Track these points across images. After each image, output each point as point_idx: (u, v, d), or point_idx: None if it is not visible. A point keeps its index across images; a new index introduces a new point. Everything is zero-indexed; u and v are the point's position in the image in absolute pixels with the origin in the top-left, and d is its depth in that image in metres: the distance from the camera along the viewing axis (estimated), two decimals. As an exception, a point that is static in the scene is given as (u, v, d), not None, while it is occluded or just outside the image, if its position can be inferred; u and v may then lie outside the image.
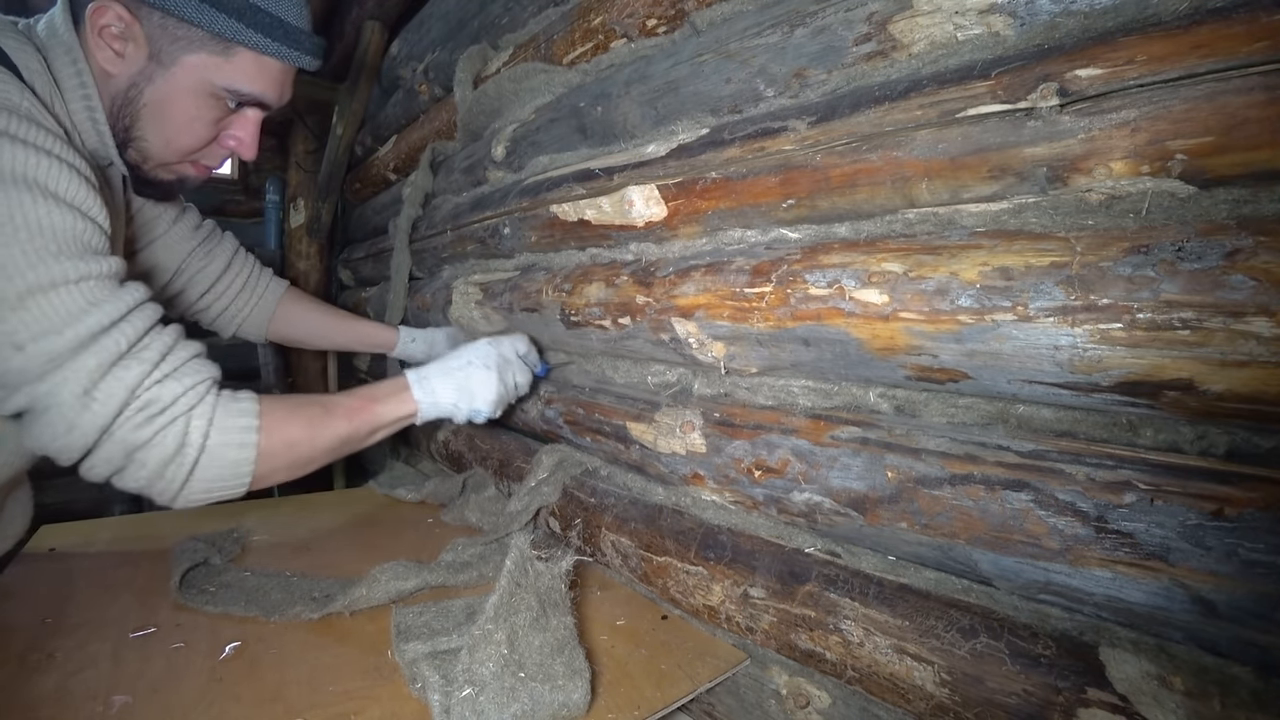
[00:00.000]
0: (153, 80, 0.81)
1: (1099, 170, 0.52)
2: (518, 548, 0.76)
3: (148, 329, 0.74)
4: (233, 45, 0.81)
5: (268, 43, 0.82)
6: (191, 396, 0.75)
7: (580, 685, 0.68)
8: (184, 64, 0.80)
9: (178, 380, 0.74)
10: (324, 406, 0.88)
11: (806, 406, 0.79)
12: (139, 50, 0.80)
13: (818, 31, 0.72)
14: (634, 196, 0.94)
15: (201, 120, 0.85)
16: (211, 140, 0.88)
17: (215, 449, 0.75)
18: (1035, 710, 0.56)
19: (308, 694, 0.71)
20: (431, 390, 0.96)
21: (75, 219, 0.70)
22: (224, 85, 0.82)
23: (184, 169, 0.91)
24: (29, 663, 0.75)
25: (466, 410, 0.99)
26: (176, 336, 0.78)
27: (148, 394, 0.72)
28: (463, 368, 0.99)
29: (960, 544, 0.62)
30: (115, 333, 0.70)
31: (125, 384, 0.70)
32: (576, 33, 1.08)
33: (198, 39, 0.79)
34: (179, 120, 0.84)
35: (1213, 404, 0.48)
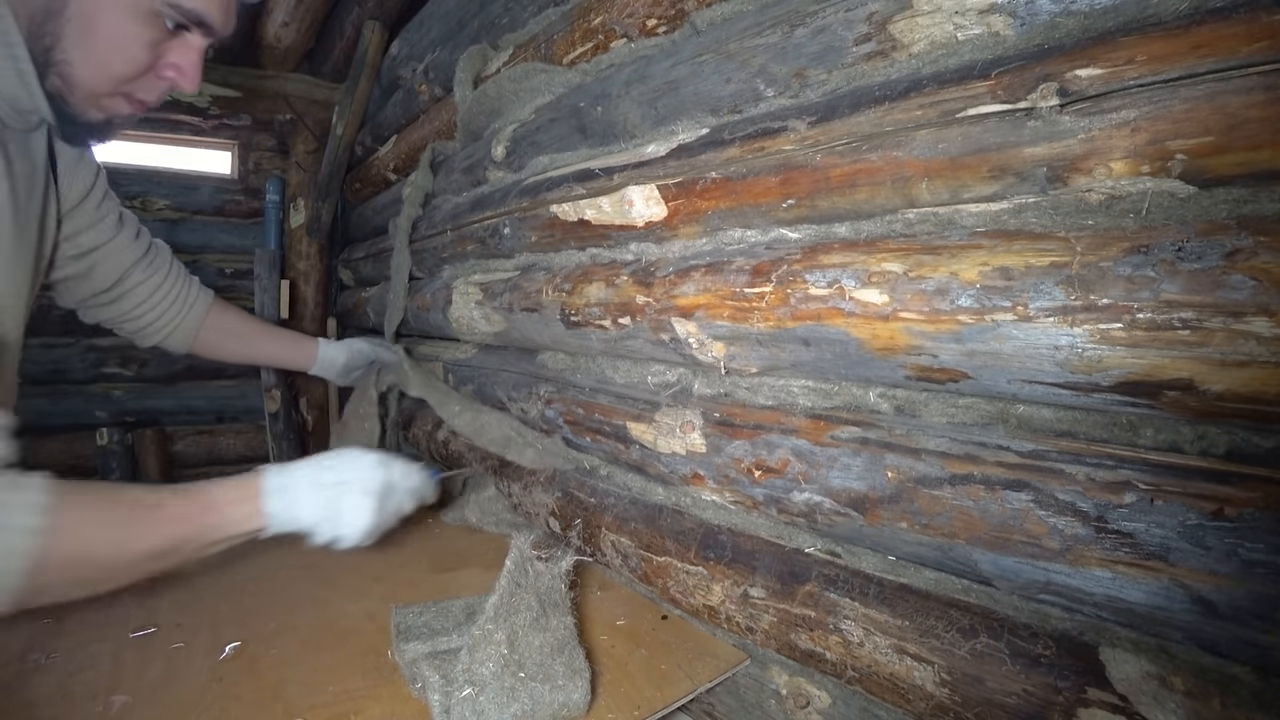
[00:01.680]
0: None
1: (1099, 170, 0.52)
2: (518, 548, 0.76)
3: None
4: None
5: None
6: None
7: (580, 685, 0.68)
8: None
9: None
10: (143, 510, 0.69)
11: (806, 406, 0.79)
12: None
13: (818, 31, 0.72)
14: (634, 196, 0.94)
15: (137, 40, 0.73)
16: (148, 68, 0.76)
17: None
18: (1035, 710, 0.56)
19: (308, 694, 0.71)
20: (290, 503, 0.78)
21: None
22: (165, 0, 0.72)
23: (115, 104, 0.78)
24: (29, 663, 0.75)
25: (329, 534, 0.82)
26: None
27: None
28: (334, 485, 0.82)
29: (960, 544, 0.62)
30: None
31: None
32: (576, 33, 1.08)
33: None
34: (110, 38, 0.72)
35: (1213, 404, 0.48)
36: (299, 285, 2.50)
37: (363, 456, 0.87)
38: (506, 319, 1.24)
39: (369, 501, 0.83)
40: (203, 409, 2.53)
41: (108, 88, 0.75)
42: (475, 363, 1.46)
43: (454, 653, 0.73)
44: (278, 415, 2.42)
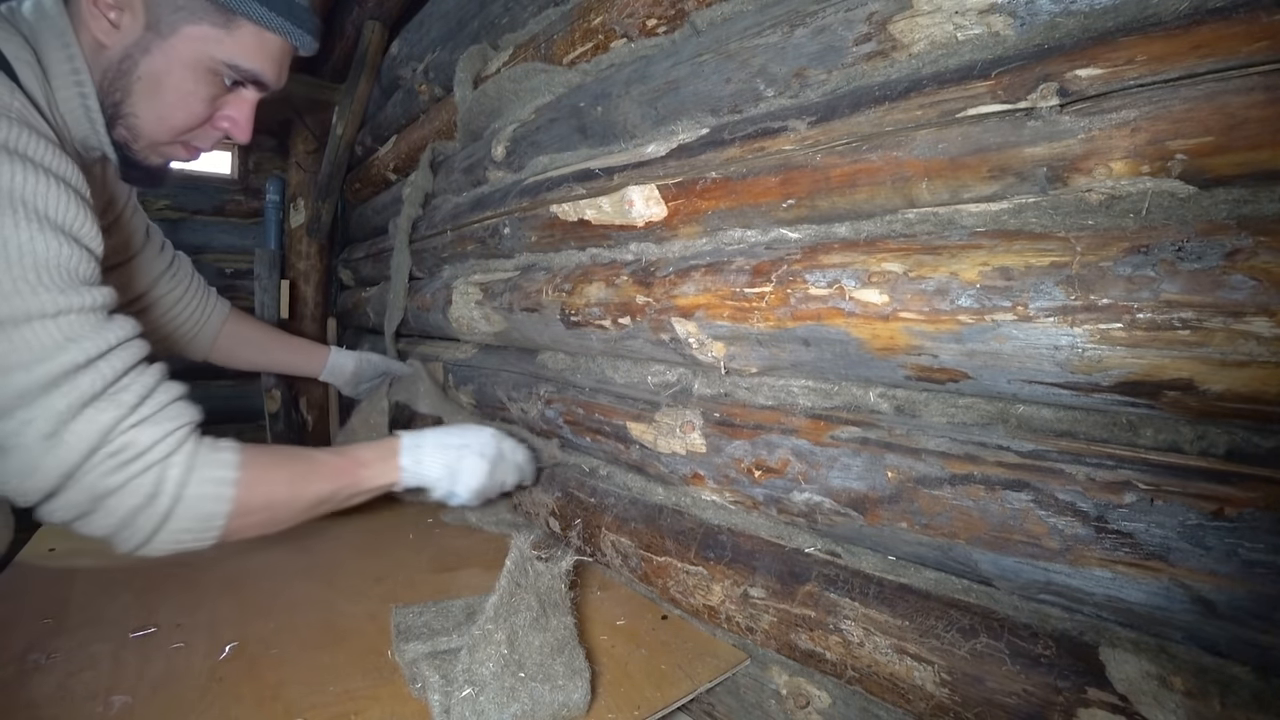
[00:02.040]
0: (149, 51, 0.76)
1: (1099, 170, 0.52)
2: (518, 548, 0.76)
3: (128, 369, 0.69)
4: (235, 17, 0.77)
5: (271, 16, 0.79)
6: (169, 443, 0.70)
7: (580, 685, 0.68)
8: (184, 35, 0.76)
9: (155, 425, 0.69)
10: (309, 464, 0.84)
11: (806, 406, 0.79)
12: (135, 20, 0.76)
13: (818, 31, 0.72)
14: (634, 196, 0.94)
15: (198, 96, 0.80)
16: (206, 120, 0.84)
17: (190, 500, 0.71)
18: (1035, 710, 0.56)
19: (308, 694, 0.71)
20: (420, 460, 0.93)
21: (62, 245, 0.65)
22: (224, 59, 0.78)
23: (173, 150, 0.86)
24: (29, 663, 0.75)
25: (447, 489, 0.96)
26: (159, 378, 0.73)
27: (122, 438, 0.67)
28: (458, 448, 0.96)
29: (960, 544, 0.62)
30: (91, 371, 0.65)
31: (98, 427, 0.65)
32: (576, 33, 1.08)
33: (199, 9, 0.76)
34: (175, 95, 0.79)
35: (1213, 404, 0.48)
36: (299, 285, 2.50)
37: (482, 429, 1.02)
38: (506, 319, 1.24)
39: (484, 464, 0.97)
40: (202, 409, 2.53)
41: (167, 137, 0.83)
42: (475, 363, 1.46)
43: (454, 653, 0.73)
44: (278, 415, 2.42)
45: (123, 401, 0.67)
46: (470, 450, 0.97)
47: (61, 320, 0.64)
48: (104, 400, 0.66)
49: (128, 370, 0.69)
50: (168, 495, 0.69)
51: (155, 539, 0.71)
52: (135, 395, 0.69)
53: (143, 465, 0.68)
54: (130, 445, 0.67)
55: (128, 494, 0.67)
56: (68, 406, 0.64)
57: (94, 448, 0.65)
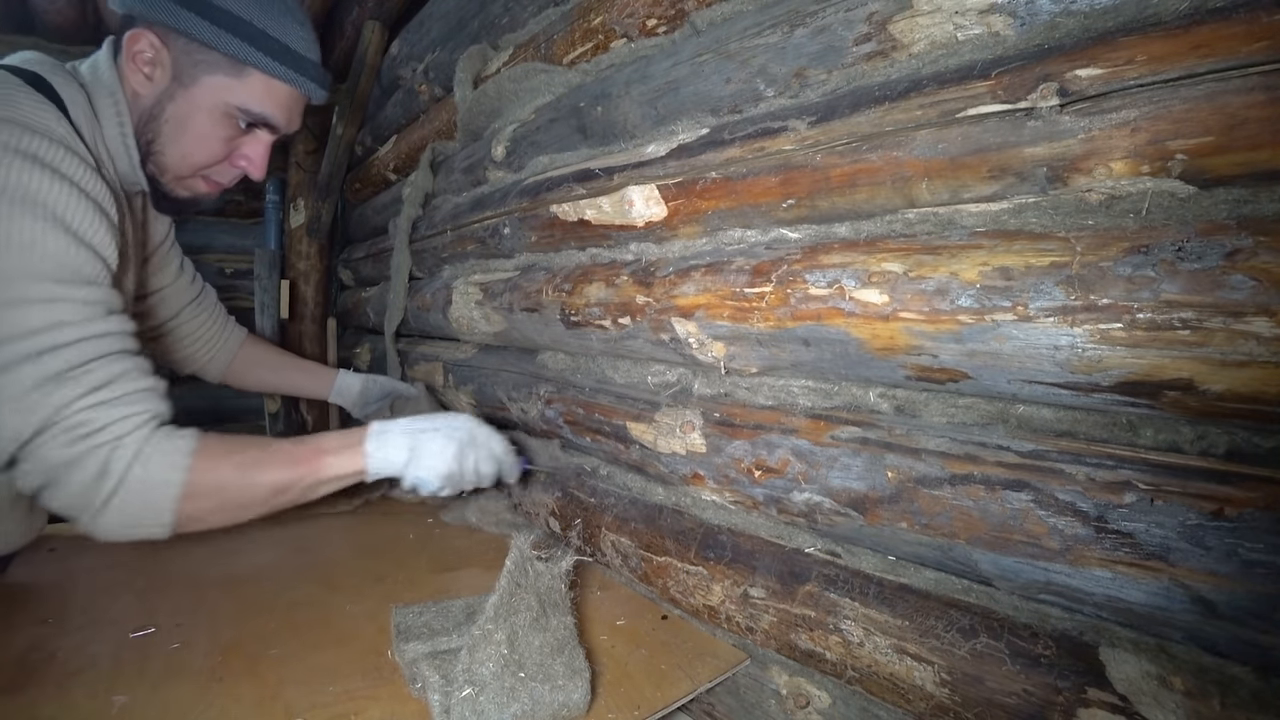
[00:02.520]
0: (174, 99, 0.89)
1: (1099, 170, 0.52)
2: (518, 548, 0.76)
3: (100, 356, 0.74)
4: (245, 67, 0.88)
5: (275, 65, 0.90)
6: (123, 426, 0.74)
7: (580, 685, 0.68)
8: (203, 84, 0.88)
9: (111, 408, 0.74)
10: (265, 451, 0.85)
11: (806, 406, 0.79)
12: (165, 73, 0.88)
13: (818, 31, 0.72)
14: (634, 196, 0.94)
15: (215, 137, 0.92)
16: (224, 158, 0.95)
17: (135, 483, 0.74)
18: (1035, 710, 0.56)
19: (308, 694, 0.71)
20: (384, 445, 0.92)
21: (69, 245, 0.73)
22: (237, 104, 0.90)
23: (197, 184, 0.97)
24: (29, 663, 0.75)
25: (412, 476, 0.94)
26: (130, 368, 0.77)
27: (77, 416, 0.72)
28: (425, 431, 0.95)
29: (960, 544, 0.62)
30: (63, 353, 0.71)
31: (51, 401, 0.70)
32: (576, 33, 1.08)
33: (215, 61, 0.87)
34: (195, 136, 0.91)
35: (1213, 404, 0.48)
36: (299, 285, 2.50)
37: (460, 415, 1.01)
38: (506, 319, 1.24)
39: (450, 448, 0.95)
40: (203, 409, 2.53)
41: (189, 172, 0.94)
42: (475, 363, 1.46)
43: (454, 653, 0.73)
44: (278, 415, 2.42)
45: (84, 382, 0.73)
46: (437, 433, 0.95)
47: (54, 306, 0.72)
48: (64, 378, 0.72)
49: (98, 358, 0.75)
50: (114, 476, 0.73)
51: (103, 518, 0.75)
52: (100, 379, 0.74)
53: (93, 443, 0.72)
54: (85, 423, 0.72)
55: (77, 469, 0.72)
56: (33, 380, 0.70)
57: (49, 420, 0.71)
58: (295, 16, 0.92)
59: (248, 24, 0.87)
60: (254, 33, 0.87)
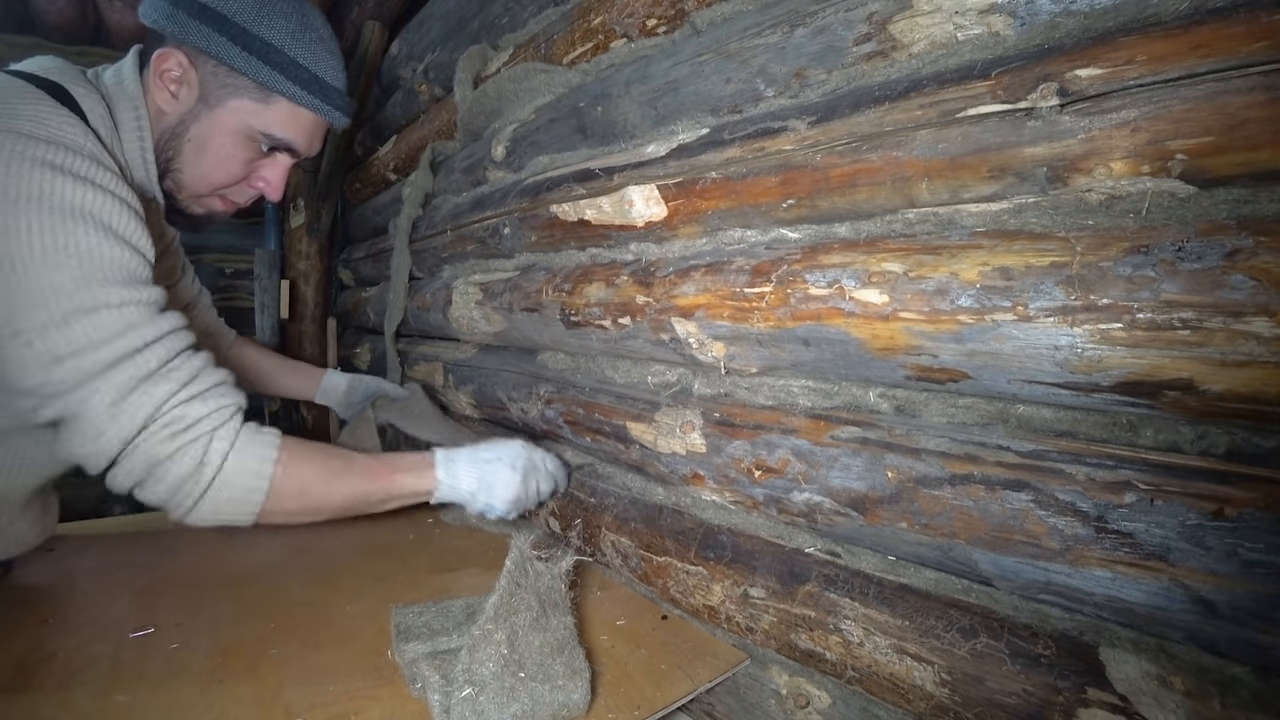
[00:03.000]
0: (199, 119, 0.89)
1: (1099, 170, 0.52)
2: (518, 548, 0.76)
3: (179, 352, 0.78)
4: (272, 94, 0.89)
5: (303, 94, 0.90)
6: (216, 418, 0.78)
7: (580, 685, 0.68)
8: (228, 107, 0.89)
9: (204, 401, 0.78)
10: (346, 461, 0.91)
11: (806, 406, 0.79)
12: (191, 93, 0.88)
13: (818, 31, 0.72)
14: (634, 196, 0.94)
15: (236, 159, 0.92)
16: (242, 179, 0.96)
17: (231, 473, 0.78)
18: (1035, 710, 0.56)
19: (308, 694, 0.71)
20: (454, 474, 0.98)
21: (123, 250, 0.76)
22: (260, 129, 0.90)
23: (213, 203, 0.98)
24: (29, 663, 0.75)
25: (483, 503, 1.00)
26: (205, 362, 0.82)
27: (174, 411, 0.75)
28: (490, 461, 1.01)
29: (960, 544, 0.62)
30: (148, 352, 0.75)
31: (153, 399, 0.74)
32: (576, 33, 1.08)
33: (243, 86, 0.88)
34: (216, 157, 0.92)
35: (1213, 404, 0.48)
36: (299, 285, 2.50)
37: (512, 441, 1.06)
38: (506, 319, 1.24)
39: (516, 476, 1.01)
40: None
41: (207, 191, 0.95)
42: (475, 363, 1.46)
43: (454, 653, 0.73)
44: (278, 415, 2.43)
45: (175, 378, 0.77)
46: (502, 463, 1.01)
47: (124, 310, 0.74)
48: (159, 377, 0.76)
49: (179, 353, 0.79)
50: (211, 466, 0.77)
51: (199, 508, 0.79)
52: (186, 374, 0.78)
53: (192, 435, 0.76)
54: (182, 418, 0.76)
55: (177, 462, 0.76)
56: (128, 380, 0.73)
57: (150, 417, 0.74)
58: (327, 46, 0.94)
59: (279, 51, 0.87)
60: (285, 61, 0.87)
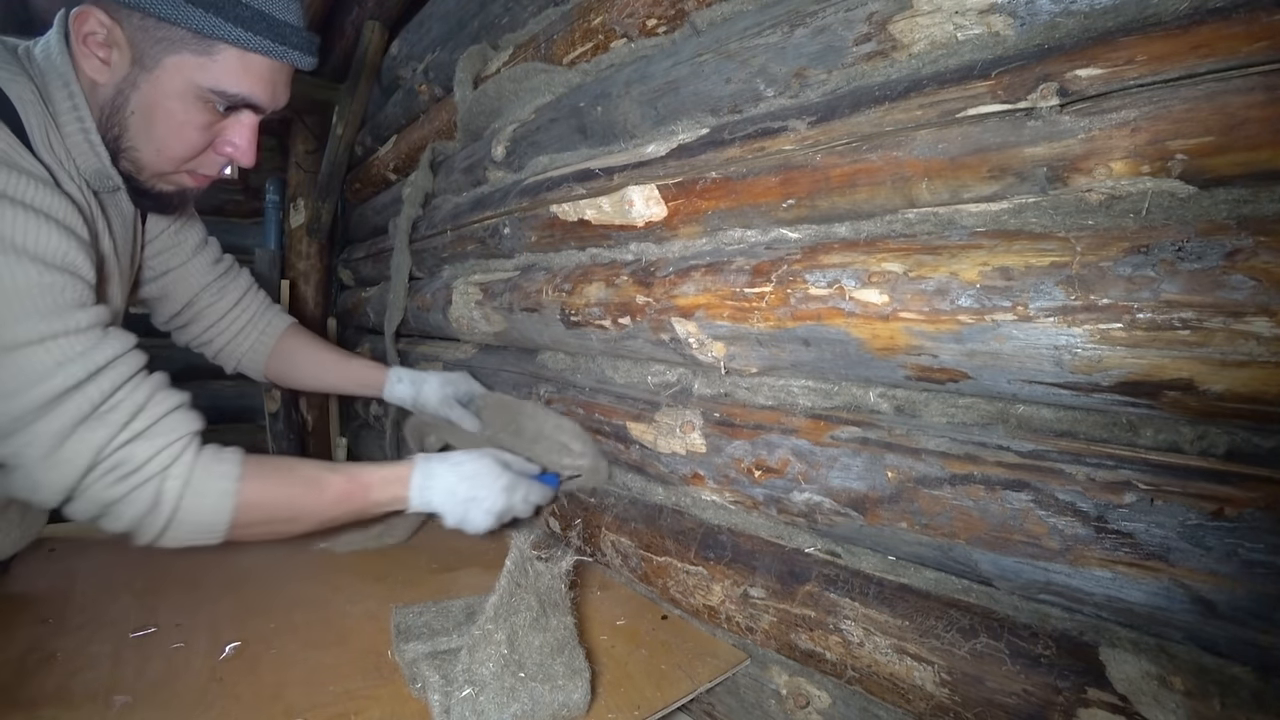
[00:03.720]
0: (137, 86, 0.77)
1: (1099, 170, 0.52)
2: (518, 548, 0.76)
3: (117, 386, 0.71)
4: (214, 43, 0.75)
5: (250, 37, 0.76)
6: (165, 457, 0.73)
7: (580, 685, 0.68)
8: (166, 65, 0.76)
9: (149, 439, 0.73)
10: (311, 482, 0.85)
11: (806, 406, 0.79)
12: (123, 56, 0.76)
13: (818, 31, 0.72)
14: (634, 196, 0.94)
15: (190, 125, 0.80)
16: (206, 147, 0.84)
17: (189, 509, 0.75)
18: (1035, 710, 0.56)
19: (308, 694, 0.71)
20: (428, 488, 0.92)
21: (42, 273, 0.67)
22: (209, 86, 0.77)
23: (181, 179, 0.86)
24: (29, 663, 0.75)
25: (459, 518, 0.94)
26: (151, 391, 0.75)
27: (117, 455, 0.70)
28: (470, 476, 0.94)
29: (960, 544, 0.62)
30: (78, 395, 0.68)
31: (90, 445, 0.69)
32: (576, 33, 1.08)
33: (178, 38, 0.74)
34: (167, 126, 0.79)
35: (1213, 404, 0.48)
36: (299, 285, 2.50)
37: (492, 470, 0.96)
38: (506, 319, 1.24)
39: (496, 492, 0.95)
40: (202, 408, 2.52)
41: (170, 167, 0.84)
42: (475, 363, 1.46)
43: (454, 653, 0.73)
44: (278, 415, 2.42)
45: (113, 420, 0.71)
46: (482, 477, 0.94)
47: (50, 345, 0.67)
48: (94, 420, 0.69)
49: (118, 388, 0.72)
50: (168, 505, 0.74)
51: (163, 539, 0.77)
52: (126, 413, 0.72)
53: (141, 479, 0.72)
54: (126, 460, 0.71)
55: (129, 504, 0.72)
56: (60, 429, 0.67)
57: (89, 465, 0.69)
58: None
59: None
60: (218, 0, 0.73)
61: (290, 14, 0.80)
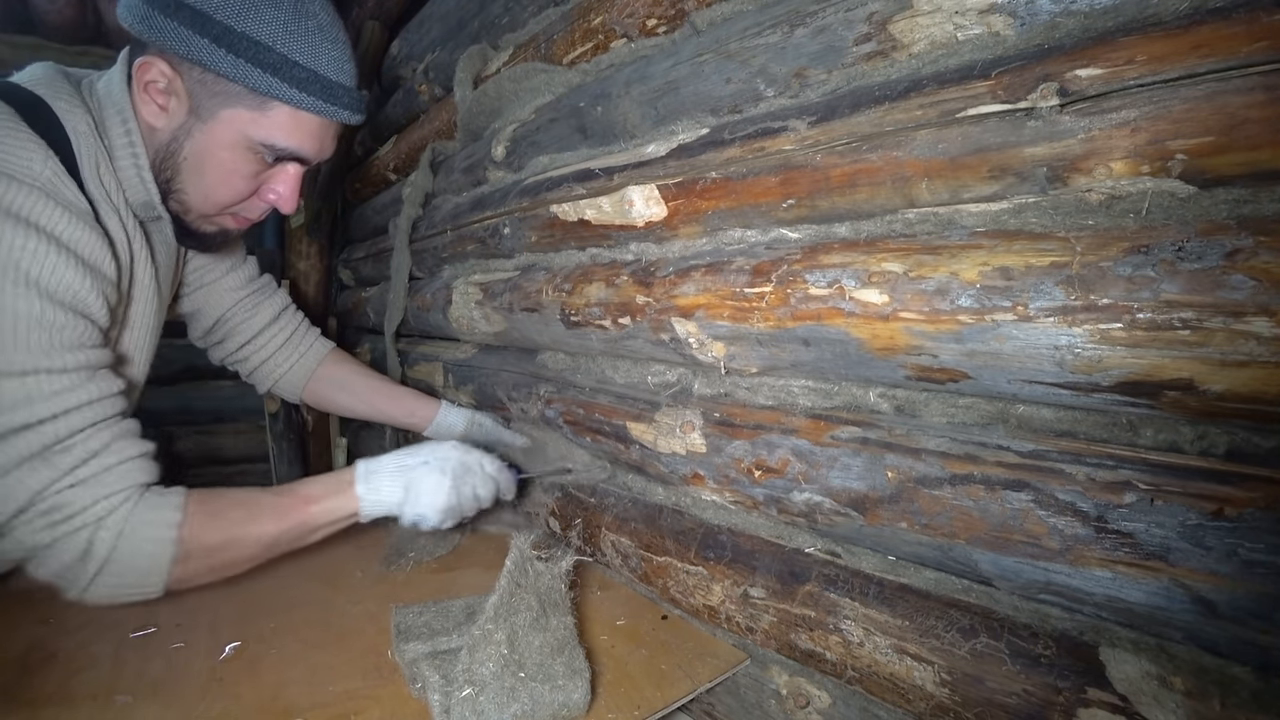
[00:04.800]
0: (192, 134, 0.81)
1: (1099, 170, 0.52)
2: (518, 548, 0.76)
3: (78, 430, 0.71)
4: (269, 100, 0.80)
5: (304, 98, 0.81)
6: (103, 507, 0.72)
7: (580, 685, 0.68)
8: (221, 118, 0.80)
9: (92, 488, 0.71)
10: (253, 508, 0.84)
11: (806, 406, 0.79)
12: (180, 105, 0.80)
13: (818, 31, 0.72)
14: (634, 196, 0.94)
15: (239, 174, 0.84)
16: (251, 194, 0.88)
17: (123, 558, 0.73)
18: (1035, 710, 0.56)
19: (308, 694, 0.71)
20: (377, 488, 0.90)
21: (45, 309, 0.68)
22: (260, 140, 0.82)
23: (225, 221, 0.91)
24: (30, 663, 0.75)
25: (412, 514, 0.92)
26: (110, 440, 0.74)
27: (54, 499, 0.69)
28: (416, 467, 0.93)
29: (960, 544, 0.62)
30: (33, 433, 0.68)
31: (26, 487, 0.68)
32: (576, 33, 1.08)
33: (235, 93, 0.79)
34: (217, 174, 0.84)
35: (1213, 404, 0.48)
36: (299, 285, 2.50)
37: (443, 443, 0.97)
38: (506, 319, 1.24)
39: (445, 480, 0.92)
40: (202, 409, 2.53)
41: (215, 211, 0.88)
42: (475, 363, 1.46)
43: (454, 653, 0.73)
44: (278, 415, 2.42)
45: (58, 464, 0.69)
46: (429, 468, 0.93)
47: (29, 380, 0.67)
48: (39, 460, 0.69)
49: (77, 431, 0.71)
50: (98, 556, 0.71)
51: (91, 591, 0.73)
52: (76, 458, 0.71)
53: (73, 526, 0.70)
54: (62, 506, 0.70)
55: (58, 551, 0.70)
56: (8, 461, 0.67)
57: (23, 506, 0.68)
58: (327, 34, 0.82)
59: (270, 50, 0.77)
60: (278, 61, 0.77)
61: (344, 75, 0.84)
